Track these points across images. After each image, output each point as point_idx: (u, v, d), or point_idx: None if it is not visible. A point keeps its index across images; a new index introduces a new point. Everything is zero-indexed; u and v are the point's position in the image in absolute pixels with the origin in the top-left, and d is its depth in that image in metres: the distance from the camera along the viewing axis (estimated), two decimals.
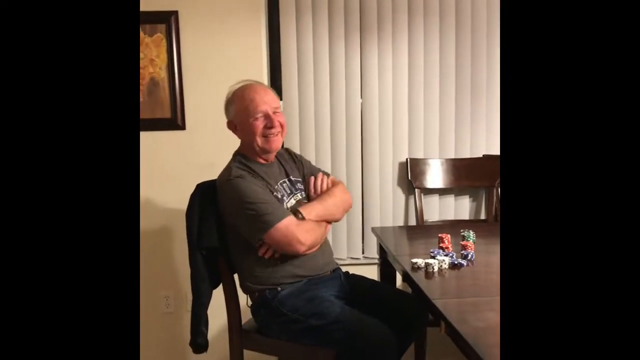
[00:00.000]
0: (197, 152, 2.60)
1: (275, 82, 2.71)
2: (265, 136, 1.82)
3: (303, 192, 1.94)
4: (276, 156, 1.93)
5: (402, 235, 2.37)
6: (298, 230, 1.72)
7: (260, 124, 1.81)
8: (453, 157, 2.81)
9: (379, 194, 2.79)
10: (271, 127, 1.81)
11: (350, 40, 2.69)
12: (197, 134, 2.60)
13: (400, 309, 1.87)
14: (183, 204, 1.89)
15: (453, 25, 2.74)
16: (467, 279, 1.60)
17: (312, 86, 2.69)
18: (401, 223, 2.81)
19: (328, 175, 2.01)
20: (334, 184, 1.97)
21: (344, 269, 2.02)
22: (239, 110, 1.83)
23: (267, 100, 1.83)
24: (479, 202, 2.87)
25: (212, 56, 2.57)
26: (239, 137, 1.89)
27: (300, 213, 1.78)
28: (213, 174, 1.91)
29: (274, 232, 1.70)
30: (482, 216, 2.84)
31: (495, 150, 2.82)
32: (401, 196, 2.82)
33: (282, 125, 1.84)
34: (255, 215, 1.70)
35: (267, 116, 1.81)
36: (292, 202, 1.86)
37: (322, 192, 1.92)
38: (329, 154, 2.73)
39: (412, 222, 2.79)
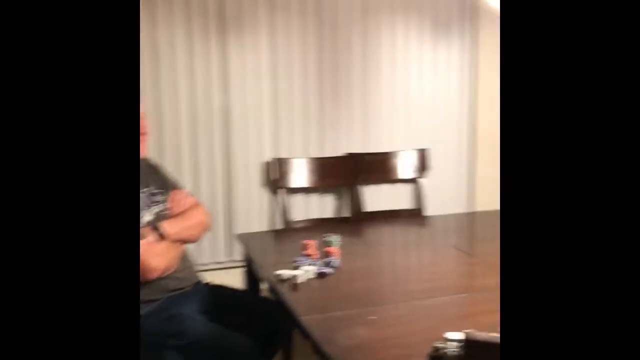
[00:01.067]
0: None
1: None
2: None
3: (162, 205, 1.79)
4: None
5: (268, 241, 2.29)
6: (149, 254, 1.58)
7: None
8: (317, 156, 2.79)
9: (244, 195, 2.69)
10: None
11: (210, 37, 2.55)
12: None
13: (265, 317, 1.80)
14: None
15: (316, 25, 2.70)
16: (334, 290, 1.56)
17: (169, 83, 2.52)
18: (266, 223, 2.75)
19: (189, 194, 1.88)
20: (195, 204, 1.85)
21: (207, 274, 1.91)
22: None
23: None
24: (343, 200, 2.89)
25: None
26: None
27: (160, 229, 1.63)
28: None
29: None
30: (347, 214, 2.86)
31: (357, 148, 2.85)
32: (266, 196, 2.75)
33: (143, 131, 1.66)
34: None
35: None
36: (149, 216, 1.71)
37: (185, 210, 1.79)
38: (187, 155, 2.58)
39: (278, 221, 2.73)
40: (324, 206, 2.86)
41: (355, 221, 2.72)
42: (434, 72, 2.94)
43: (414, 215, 2.86)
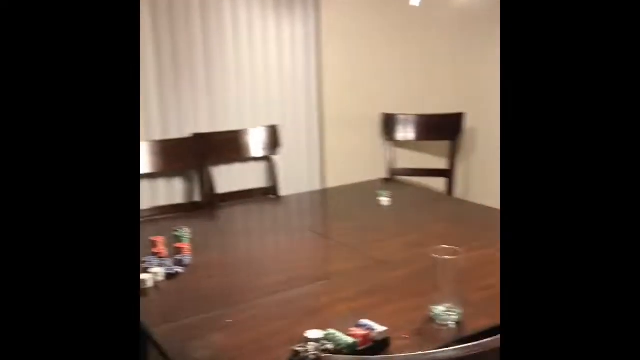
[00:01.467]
0: None
1: None
2: None
3: None
4: None
5: None
6: None
7: None
8: (160, 138, 2.61)
9: None
10: None
11: None
12: None
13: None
14: None
15: (150, 0, 2.49)
16: (186, 292, 1.46)
17: None
18: None
19: None
20: None
21: None
22: None
23: None
24: (192, 183, 2.74)
25: None
26: None
27: None
28: None
29: None
30: (197, 198, 2.73)
31: (204, 128, 2.71)
32: None
33: None
34: None
35: None
36: None
37: None
38: None
39: None
40: (173, 192, 2.70)
41: (207, 205, 2.60)
42: (279, 47, 2.87)
43: (268, 195, 2.81)
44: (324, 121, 3.05)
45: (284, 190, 2.86)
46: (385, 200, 2.20)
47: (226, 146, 2.78)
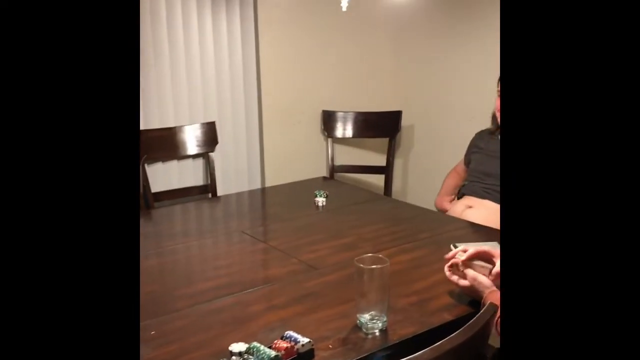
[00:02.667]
0: None
1: None
2: None
3: None
4: None
5: None
6: None
7: None
8: None
9: None
10: None
11: None
12: None
13: None
14: None
15: None
16: None
17: None
18: None
19: None
20: None
21: None
22: None
23: None
24: None
25: None
26: None
27: None
28: None
29: None
30: None
31: (140, 125, 2.63)
32: None
33: None
34: None
35: None
36: None
37: None
38: None
39: None
40: None
41: (143, 205, 2.54)
42: (216, 44, 2.81)
43: (205, 195, 2.76)
44: (264, 118, 3.02)
45: (223, 188, 2.82)
46: (321, 201, 2.20)
47: (162, 143, 2.71)
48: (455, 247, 1.68)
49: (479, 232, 1.88)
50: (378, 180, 3.22)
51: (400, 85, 3.27)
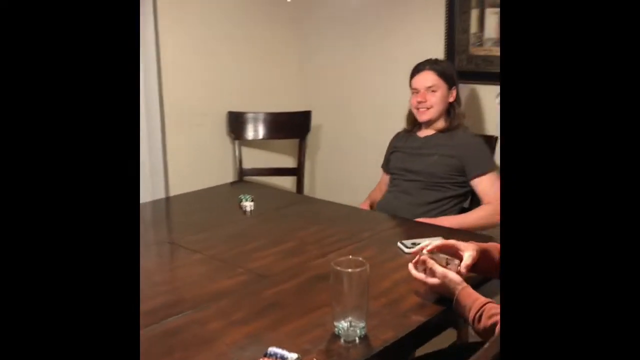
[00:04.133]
0: None
1: None
2: None
3: None
4: None
5: None
6: None
7: None
8: None
9: None
10: None
11: None
12: None
13: None
14: None
15: None
16: None
17: None
18: None
19: None
20: None
21: None
22: None
23: None
24: None
25: None
26: None
27: None
28: None
29: None
30: None
31: None
32: None
33: None
34: None
35: None
36: None
37: None
38: None
39: None
40: None
41: None
42: None
43: None
44: (166, 122, 2.82)
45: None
46: (249, 206, 2.08)
47: None
48: (404, 244, 1.66)
49: (418, 227, 1.88)
50: (285, 182, 3.15)
51: (309, 85, 3.23)
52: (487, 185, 2.12)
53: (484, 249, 1.38)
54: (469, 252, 1.34)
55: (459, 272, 1.31)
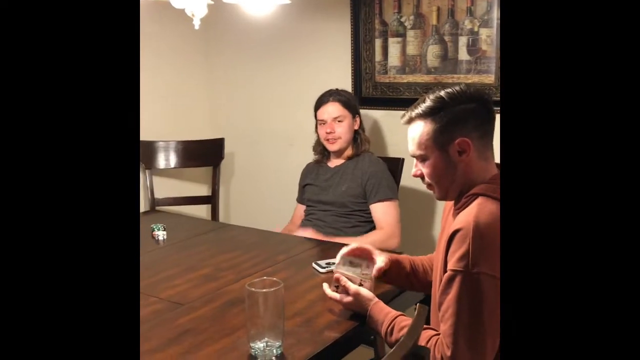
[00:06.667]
0: None
1: None
2: None
3: None
4: None
5: None
6: None
7: None
8: None
9: None
10: None
11: None
12: None
13: None
14: None
15: None
16: None
17: None
18: None
19: None
20: None
21: None
22: None
23: None
24: None
25: None
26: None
27: None
28: None
29: None
30: None
31: None
32: None
33: None
34: None
35: None
36: None
37: None
38: None
39: None
40: None
41: None
42: None
43: None
44: None
45: None
46: (161, 235, 2.05)
47: None
48: (319, 264, 1.70)
49: (332, 248, 1.92)
50: (200, 210, 3.12)
51: (221, 113, 3.23)
52: (382, 212, 2.22)
53: (396, 259, 1.47)
54: (382, 257, 1.43)
55: (373, 277, 1.39)
